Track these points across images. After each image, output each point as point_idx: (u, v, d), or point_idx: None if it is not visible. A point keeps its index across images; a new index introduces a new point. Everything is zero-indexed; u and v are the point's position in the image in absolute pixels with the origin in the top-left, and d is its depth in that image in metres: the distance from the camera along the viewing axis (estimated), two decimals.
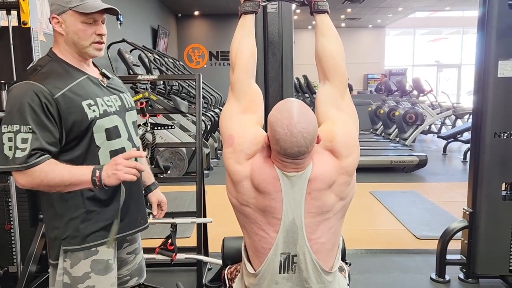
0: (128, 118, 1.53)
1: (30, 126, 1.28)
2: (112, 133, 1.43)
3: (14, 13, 2.40)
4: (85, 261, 1.41)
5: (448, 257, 2.81)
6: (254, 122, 1.48)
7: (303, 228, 1.35)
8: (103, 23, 1.44)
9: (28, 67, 1.41)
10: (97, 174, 1.31)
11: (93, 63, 1.52)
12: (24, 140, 1.27)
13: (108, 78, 1.52)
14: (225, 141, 1.45)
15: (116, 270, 1.51)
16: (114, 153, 1.42)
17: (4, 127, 1.29)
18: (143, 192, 1.69)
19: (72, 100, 1.34)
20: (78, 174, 1.31)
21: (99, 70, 1.53)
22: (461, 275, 2.82)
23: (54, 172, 1.29)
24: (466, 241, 2.74)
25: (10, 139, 1.27)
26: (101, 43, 1.44)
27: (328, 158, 1.38)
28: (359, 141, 1.46)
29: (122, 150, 1.46)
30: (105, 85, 1.49)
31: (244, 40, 1.58)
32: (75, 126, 1.35)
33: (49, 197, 1.41)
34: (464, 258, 2.78)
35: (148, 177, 1.74)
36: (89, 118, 1.37)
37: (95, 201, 1.42)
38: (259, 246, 1.38)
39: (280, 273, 1.38)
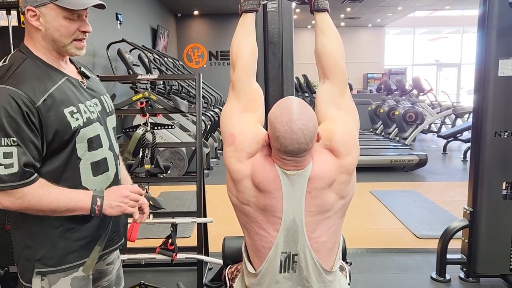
0: (109, 124, 1.39)
1: (14, 139, 1.11)
2: (94, 143, 1.29)
3: (14, 13, 2.40)
4: (65, 279, 1.28)
5: (449, 256, 2.81)
6: (255, 121, 1.48)
7: (303, 227, 1.34)
8: (86, 18, 1.27)
9: None
10: (98, 203, 1.22)
11: (70, 59, 1.36)
12: (8, 155, 1.11)
13: (87, 77, 1.37)
14: (226, 139, 1.44)
15: None
16: (95, 165, 1.30)
17: None
18: None
19: (53, 107, 1.18)
20: (75, 200, 1.20)
21: (76, 68, 1.36)
22: (462, 275, 2.82)
23: (49, 197, 1.17)
24: (466, 240, 2.74)
25: None
26: (83, 40, 1.28)
27: (328, 157, 1.38)
28: (359, 141, 1.46)
29: (104, 161, 1.33)
30: (85, 87, 1.33)
31: (244, 38, 1.57)
32: (57, 137, 1.20)
33: (20, 213, 1.23)
34: (465, 257, 2.78)
35: (127, 181, 1.57)
36: (72, 128, 1.22)
37: (72, 218, 1.26)
38: (260, 246, 1.38)
39: (280, 272, 1.38)
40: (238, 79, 1.53)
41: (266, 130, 1.40)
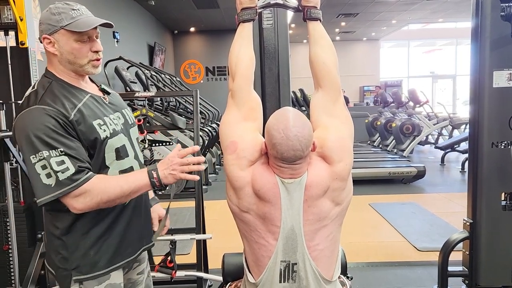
0: (132, 135, 1.50)
1: (61, 149, 1.21)
2: (121, 153, 1.39)
3: (12, 33, 2.42)
4: (98, 287, 1.36)
5: (450, 268, 2.79)
6: (255, 130, 1.50)
7: (302, 235, 1.35)
8: (97, 38, 1.37)
9: (27, 93, 1.32)
10: (155, 175, 1.30)
11: (89, 78, 1.47)
12: (60, 163, 1.20)
13: (108, 93, 1.48)
14: (227, 147, 1.45)
15: None
16: (123, 173, 1.39)
17: (33, 157, 1.20)
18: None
19: (84, 120, 1.29)
20: (135, 180, 1.29)
21: (97, 86, 1.48)
22: (464, 287, 2.80)
23: (111, 186, 1.26)
24: (467, 252, 2.73)
25: (44, 167, 1.20)
26: (98, 59, 1.38)
27: (321, 165, 1.40)
28: (357, 153, 1.48)
29: (131, 169, 1.43)
30: (107, 103, 1.44)
31: (243, 48, 1.59)
32: (90, 147, 1.31)
33: (53, 227, 1.35)
34: (466, 269, 2.76)
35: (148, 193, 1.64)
36: (101, 138, 1.32)
37: (101, 226, 1.36)
38: (259, 254, 1.39)
39: (280, 282, 1.38)
40: (238, 88, 1.54)
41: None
